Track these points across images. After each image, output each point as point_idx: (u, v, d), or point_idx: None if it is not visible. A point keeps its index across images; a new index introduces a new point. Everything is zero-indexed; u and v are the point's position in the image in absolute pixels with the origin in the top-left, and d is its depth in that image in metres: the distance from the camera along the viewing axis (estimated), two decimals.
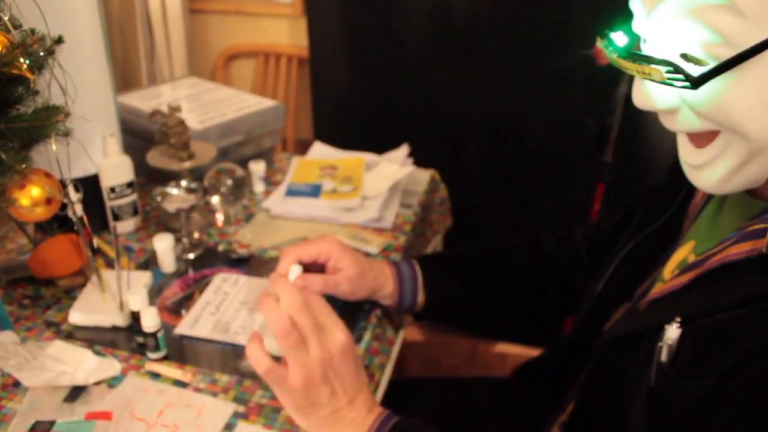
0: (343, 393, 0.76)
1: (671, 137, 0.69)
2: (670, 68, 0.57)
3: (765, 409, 0.57)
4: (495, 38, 1.88)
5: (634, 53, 0.60)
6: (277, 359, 0.91)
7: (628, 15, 0.66)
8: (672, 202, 0.82)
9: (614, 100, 1.66)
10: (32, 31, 0.72)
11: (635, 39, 0.64)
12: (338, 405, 0.76)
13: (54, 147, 0.78)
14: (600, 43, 0.65)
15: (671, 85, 0.58)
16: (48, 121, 0.74)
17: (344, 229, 1.23)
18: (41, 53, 0.73)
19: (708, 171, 0.63)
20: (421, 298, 1.01)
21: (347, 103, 2.17)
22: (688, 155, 0.66)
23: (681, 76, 0.57)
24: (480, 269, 1.07)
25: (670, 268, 0.77)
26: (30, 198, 0.77)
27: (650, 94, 0.63)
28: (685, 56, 0.58)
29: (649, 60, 0.59)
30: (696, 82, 0.56)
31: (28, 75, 0.71)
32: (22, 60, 0.70)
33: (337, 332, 0.76)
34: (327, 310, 0.78)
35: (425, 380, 1.28)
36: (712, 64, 0.56)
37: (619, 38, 0.64)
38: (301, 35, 2.20)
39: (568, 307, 1.10)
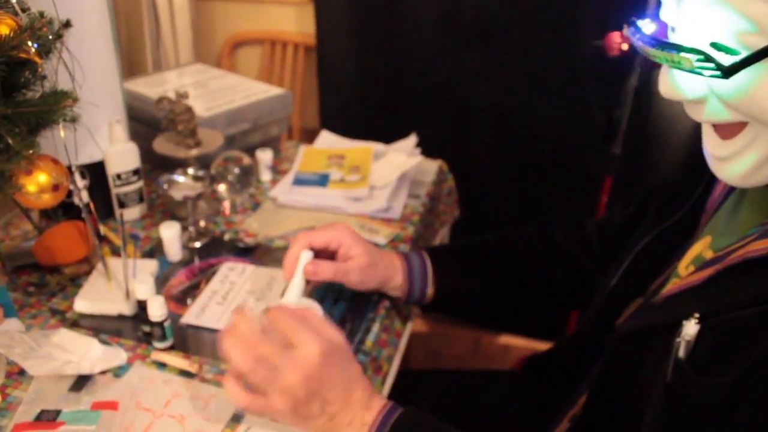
0: (336, 398, 0.74)
1: (681, 131, 0.68)
2: (701, 57, 0.56)
3: None
4: (504, 28, 1.86)
5: (662, 41, 0.59)
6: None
7: (642, 5, 0.64)
8: (689, 196, 0.81)
9: (624, 92, 1.64)
10: (41, 15, 0.71)
11: (662, 27, 0.63)
12: (333, 410, 0.74)
13: (62, 133, 0.77)
14: (626, 31, 0.64)
15: (700, 74, 0.57)
16: (56, 107, 0.73)
17: (352, 218, 1.22)
18: (49, 37, 0.72)
19: (733, 163, 0.62)
20: (430, 290, 1.00)
21: (354, 92, 2.15)
22: (713, 147, 0.64)
23: (711, 65, 0.56)
24: (490, 262, 1.06)
25: (684, 264, 0.76)
26: (37, 184, 0.76)
27: (677, 83, 0.62)
28: (715, 45, 0.57)
29: (678, 48, 0.57)
30: (727, 72, 0.55)
31: (36, 59, 0.70)
32: (30, 43, 0.68)
33: (309, 347, 0.72)
34: (294, 324, 0.74)
35: (431, 372, 1.27)
36: (744, 54, 0.55)
37: (646, 26, 0.63)
38: (309, 23, 2.18)
39: (578, 300, 1.09)
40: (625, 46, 1.52)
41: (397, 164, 1.32)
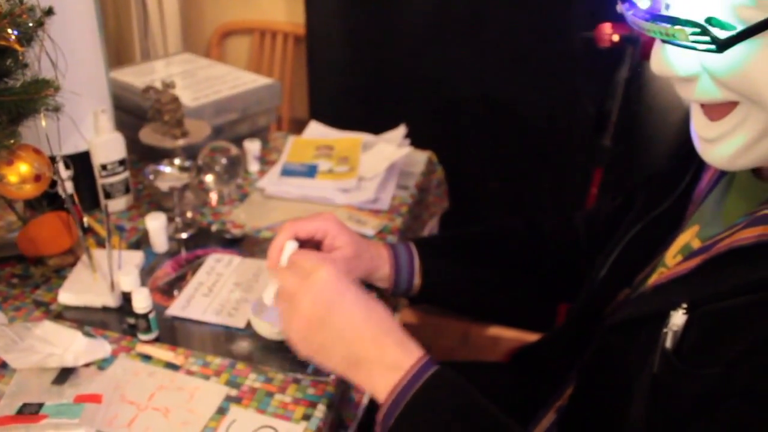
0: (353, 329, 0.73)
1: (671, 123, 0.68)
2: (696, 30, 0.55)
3: None
4: (495, 19, 1.86)
5: (657, 14, 0.58)
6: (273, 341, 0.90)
7: None
8: (676, 186, 0.81)
9: (614, 84, 1.63)
10: (20, 1, 0.70)
11: (656, 3, 0.62)
12: (351, 340, 0.73)
13: (43, 122, 0.76)
14: (620, 7, 0.63)
15: (694, 48, 0.56)
16: (37, 95, 0.72)
17: (340, 210, 1.21)
18: (30, 24, 0.71)
19: (722, 145, 0.62)
20: (417, 281, 0.99)
21: (344, 83, 2.14)
22: (701, 128, 0.64)
23: (706, 38, 0.55)
24: (477, 253, 1.05)
25: (672, 253, 0.76)
26: (18, 174, 0.75)
27: (670, 59, 0.61)
28: (710, 20, 0.56)
29: (674, 21, 0.57)
30: (722, 45, 0.54)
31: (17, 47, 0.69)
32: (10, 31, 0.67)
33: (319, 271, 0.75)
34: (309, 255, 0.80)
35: None
36: (739, 28, 0.54)
37: (640, 1, 0.62)
38: (298, 13, 2.17)
39: (566, 292, 1.09)
40: (615, 38, 1.52)
41: (386, 155, 1.32)
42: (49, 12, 0.77)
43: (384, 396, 0.72)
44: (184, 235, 1.13)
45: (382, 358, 0.73)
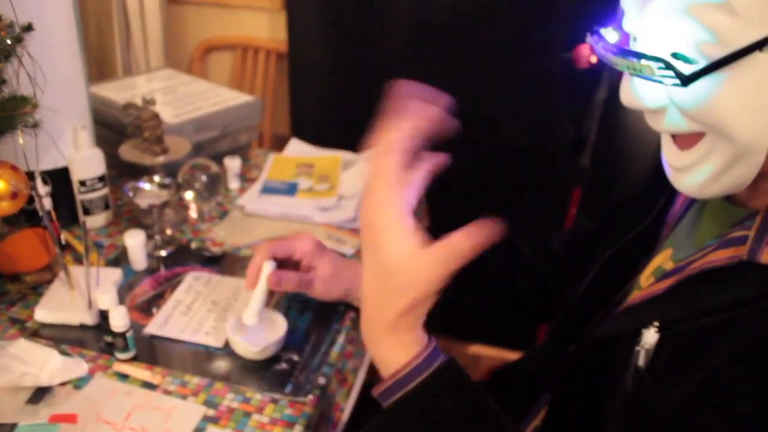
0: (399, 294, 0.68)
1: (649, 143, 0.69)
2: (661, 65, 0.57)
3: (744, 412, 0.56)
4: (475, 37, 1.88)
5: (624, 49, 0.60)
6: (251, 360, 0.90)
7: (612, 18, 0.65)
8: (651, 209, 0.82)
9: (593, 104, 1.65)
10: None
11: (625, 37, 0.63)
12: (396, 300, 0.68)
13: (21, 140, 0.75)
14: (589, 39, 0.64)
15: (661, 82, 0.58)
16: (15, 112, 0.71)
17: (320, 228, 1.21)
18: (8, 41, 0.70)
19: (691, 174, 0.63)
20: None
21: (326, 99, 2.15)
22: (671, 157, 0.65)
23: (671, 73, 0.56)
24: (456, 272, 1.05)
25: (646, 276, 0.77)
26: None
27: (638, 92, 0.62)
28: (675, 55, 0.58)
29: (639, 56, 0.58)
30: (686, 80, 0.56)
31: None
32: None
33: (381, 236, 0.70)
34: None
35: None
36: (703, 63, 0.56)
37: (609, 35, 0.63)
38: (281, 29, 2.18)
39: (544, 312, 1.09)
40: (594, 59, 1.54)
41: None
42: (29, 28, 0.77)
43: (393, 369, 0.68)
44: (163, 253, 1.13)
45: (416, 324, 0.70)
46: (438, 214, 1.59)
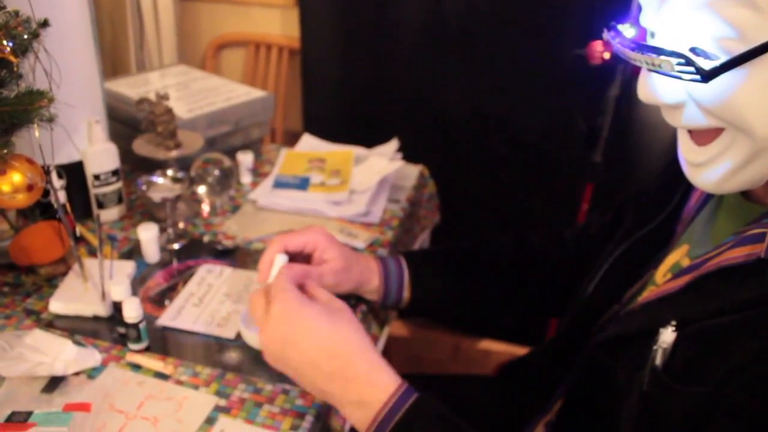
0: (312, 366, 0.75)
1: (661, 139, 0.69)
2: (681, 60, 0.56)
3: (759, 418, 0.56)
4: (488, 34, 1.88)
5: (643, 45, 0.59)
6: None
7: (625, 14, 0.65)
8: (665, 205, 0.82)
9: (606, 100, 1.65)
10: (16, 13, 0.71)
11: (642, 33, 0.63)
12: (313, 375, 0.76)
13: (37, 133, 0.76)
14: (606, 35, 0.64)
15: (680, 78, 0.57)
16: (31, 106, 0.72)
17: (331, 222, 1.22)
18: (25, 36, 0.71)
19: (709, 169, 0.62)
20: (406, 294, 1.00)
21: (337, 96, 2.15)
22: (688, 153, 0.65)
23: (691, 69, 0.56)
24: (467, 267, 1.06)
25: (662, 272, 0.77)
26: (11, 184, 0.76)
27: (656, 87, 0.62)
28: (694, 50, 0.57)
29: (659, 51, 0.57)
30: (707, 76, 0.55)
31: (12, 58, 0.70)
32: (5, 42, 0.68)
33: (275, 303, 0.78)
34: (280, 286, 0.80)
35: (408, 377, 1.27)
36: (723, 59, 0.55)
37: (626, 30, 0.63)
38: (293, 26, 2.19)
39: (555, 307, 1.09)
40: (606, 55, 1.54)
41: (378, 168, 1.33)
42: (45, 24, 0.78)
43: (363, 429, 0.74)
44: (175, 246, 1.14)
45: (345, 395, 0.75)
46: (450, 209, 1.60)
